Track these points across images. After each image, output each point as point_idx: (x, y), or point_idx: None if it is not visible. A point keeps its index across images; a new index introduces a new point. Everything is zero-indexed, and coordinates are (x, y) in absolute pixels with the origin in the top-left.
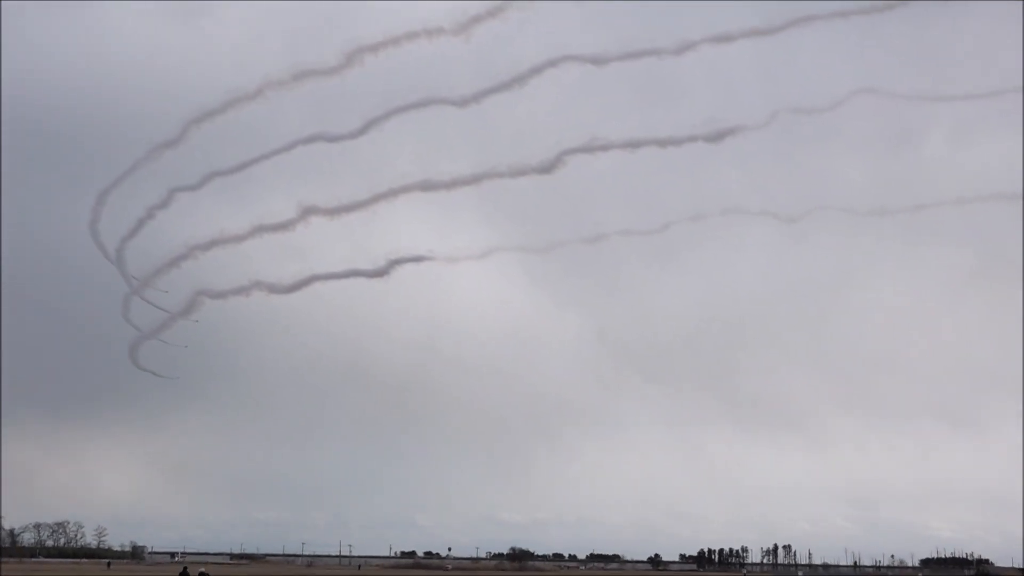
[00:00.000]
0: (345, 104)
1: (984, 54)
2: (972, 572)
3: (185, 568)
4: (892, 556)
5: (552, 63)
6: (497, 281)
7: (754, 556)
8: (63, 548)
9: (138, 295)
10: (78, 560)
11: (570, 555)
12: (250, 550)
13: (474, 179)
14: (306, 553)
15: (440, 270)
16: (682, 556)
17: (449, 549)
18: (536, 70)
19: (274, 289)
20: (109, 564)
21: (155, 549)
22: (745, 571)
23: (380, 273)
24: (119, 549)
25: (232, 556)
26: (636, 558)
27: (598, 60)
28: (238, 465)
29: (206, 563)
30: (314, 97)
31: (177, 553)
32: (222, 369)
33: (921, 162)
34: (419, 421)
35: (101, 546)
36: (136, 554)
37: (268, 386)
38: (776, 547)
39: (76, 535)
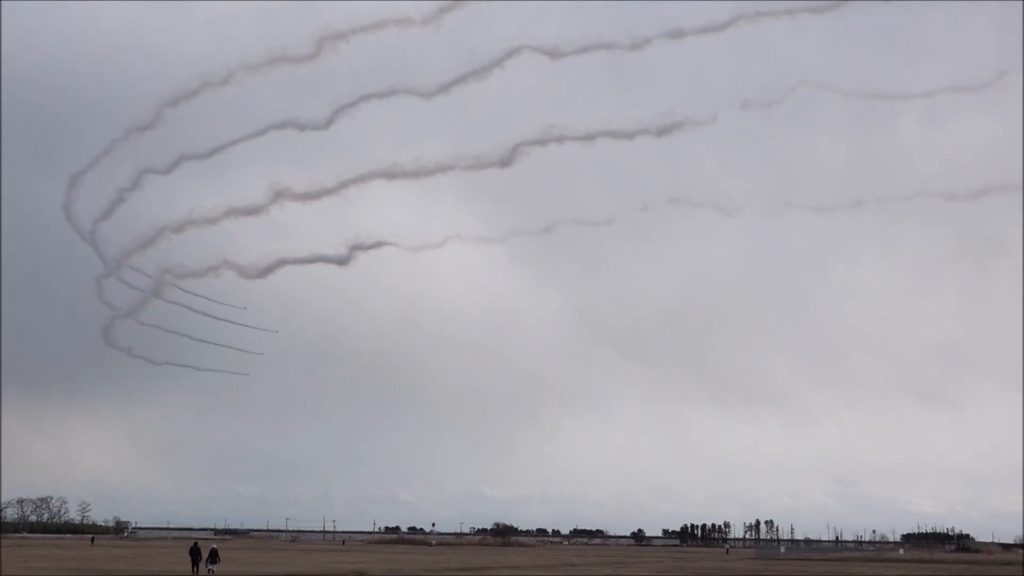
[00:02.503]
0: (316, 90)
1: (935, 49)
2: (953, 547)
3: (195, 543)
4: (874, 531)
5: (516, 54)
6: (476, 263)
7: (736, 531)
8: (47, 524)
9: (115, 276)
10: (62, 535)
11: (553, 531)
12: (234, 526)
13: (443, 167)
14: (290, 529)
15: (418, 252)
16: (665, 531)
17: (433, 524)
18: (502, 60)
19: (244, 273)
20: (93, 539)
21: (139, 524)
22: (728, 546)
23: (344, 260)
24: (103, 524)
25: (216, 532)
26: (619, 533)
27: (560, 52)
28: (221, 441)
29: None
30: (286, 82)
31: (127, 527)
32: (204, 345)
33: (897, 147)
34: (401, 398)
35: (85, 521)
36: (120, 529)
37: (250, 362)
38: (758, 522)
39: (60, 511)
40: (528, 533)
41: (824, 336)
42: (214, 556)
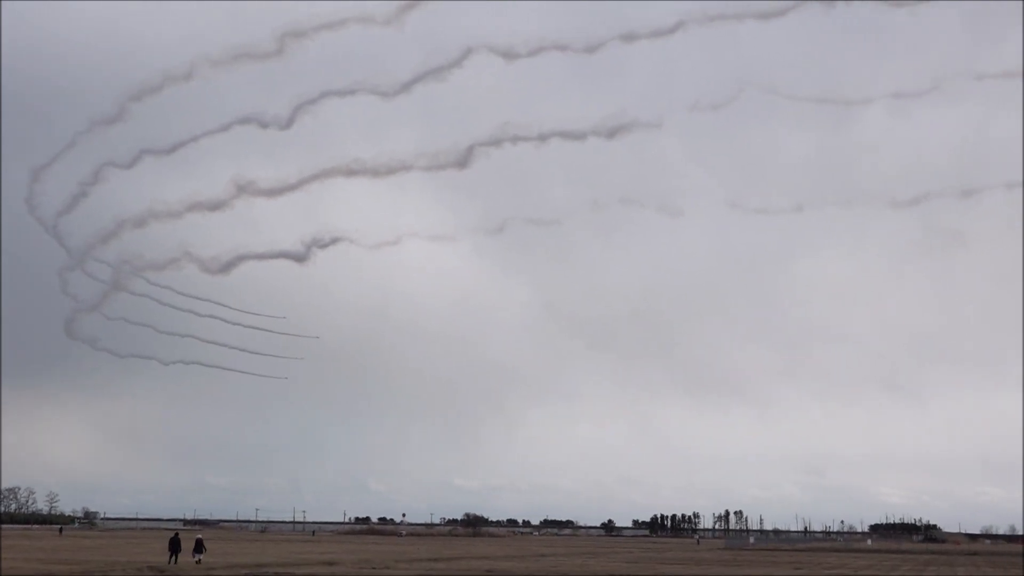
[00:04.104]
0: (279, 87)
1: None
2: (921, 538)
3: (176, 534)
4: (842, 522)
5: (477, 54)
6: (444, 257)
7: (706, 522)
8: (14, 514)
9: (79, 269)
10: (29, 526)
11: (524, 521)
12: (203, 516)
13: (405, 165)
14: (260, 519)
15: (386, 247)
16: (635, 522)
17: (403, 515)
18: (461, 60)
19: (206, 267)
20: (61, 530)
21: (108, 515)
22: (698, 536)
23: (303, 257)
24: (72, 514)
25: (185, 522)
26: (589, 524)
27: (520, 53)
28: (190, 431)
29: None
30: (250, 79)
31: (85, 517)
32: (172, 336)
33: (857, 144)
34: (371, 388)
35: (53, 512)
36: (88, 520)
37: (220, 351)
38: (728, 513)
39: (27, 501)
40: (498, 524)
41: (790, 328)
42: (199, 546)
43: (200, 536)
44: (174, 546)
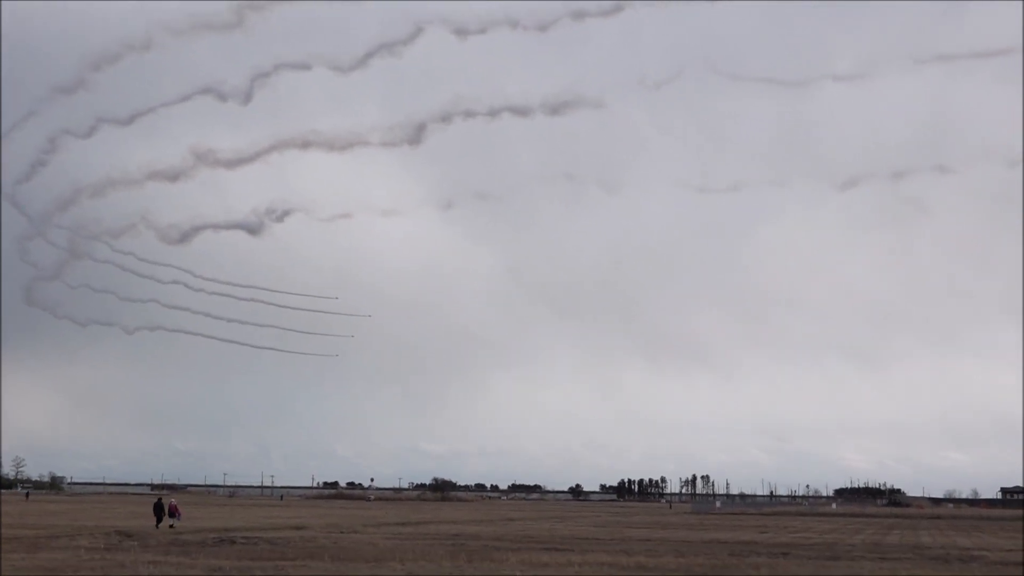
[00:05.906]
0: (237, 58)
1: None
2: (885, 502)
3: (160, 499)
4: (807, 486)
5: (431, 30)
6: (411, 224)
7: (673, 486)
8: None
9: (40, 237)
10: None
11: (492, 485)
12: (170, 480)
13: (361, 139)
14: (228, 484)
15: (350, 215)
16: (602, 486)
17: (372, 479)
18: (414, 37)
19: (164, 237)
20: (28, 495)
21: (74, 479)
22: (666, 500)
23: (257, 229)
24: (38, 479)
25: (152, 487)
26: (557, 488)
27: (479, 29)
28: (157, 396)
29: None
30: (210, 48)
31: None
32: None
33: (821, 111)
34: (336, 352)
35: (19, 477)
36: (55, 484)
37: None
38: (695, 477)
39: None
40: (466, 488)
41: (752, 296)
42: (173, 511)
43: (173, 501)
44: (158, 510)
